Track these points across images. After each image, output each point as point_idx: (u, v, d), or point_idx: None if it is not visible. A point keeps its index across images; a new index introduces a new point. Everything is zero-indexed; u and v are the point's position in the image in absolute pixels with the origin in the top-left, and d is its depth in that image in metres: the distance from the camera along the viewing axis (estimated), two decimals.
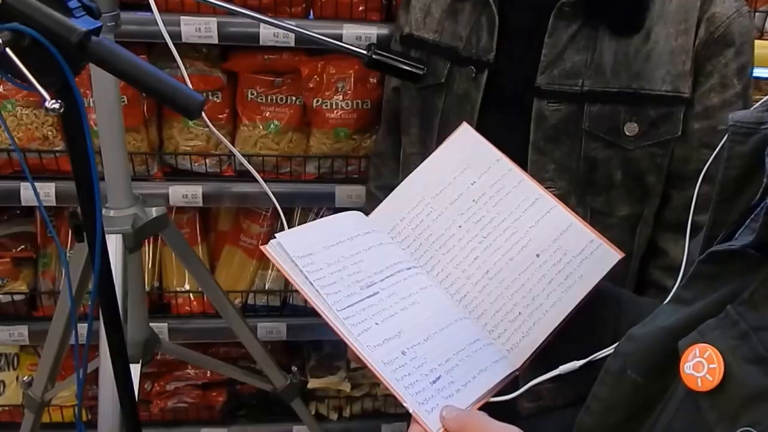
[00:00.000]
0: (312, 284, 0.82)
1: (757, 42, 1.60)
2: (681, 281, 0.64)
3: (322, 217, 1.79)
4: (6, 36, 0.65)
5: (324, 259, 0.86)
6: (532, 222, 0.89)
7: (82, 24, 0.68)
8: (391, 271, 0.88)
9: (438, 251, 0.91)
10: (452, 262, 0.90)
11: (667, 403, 0.57)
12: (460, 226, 0.91)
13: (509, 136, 1.13)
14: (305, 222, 1.80)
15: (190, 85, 1.12)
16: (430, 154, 1.06)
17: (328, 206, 1.76)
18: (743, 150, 0.61)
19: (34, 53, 0.67)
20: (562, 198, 1.13)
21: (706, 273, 0.58)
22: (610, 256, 0.85)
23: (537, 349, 0.84)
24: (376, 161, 1.49)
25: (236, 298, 1.80)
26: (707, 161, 0.73)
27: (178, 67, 1.14)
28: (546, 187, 1.13)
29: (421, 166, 0.98)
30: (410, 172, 1.07)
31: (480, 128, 1.16)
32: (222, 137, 1.02)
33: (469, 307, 0.88)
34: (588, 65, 1.10)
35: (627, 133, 1.11)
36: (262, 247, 0.88)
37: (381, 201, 0.99)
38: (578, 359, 0.78)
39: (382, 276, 0.86)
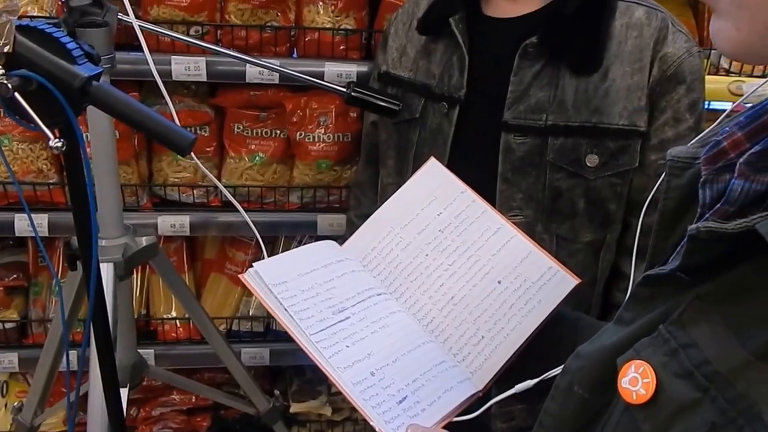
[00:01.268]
0: (286, 310, 0.85)
1: (713, 77, 1.70)
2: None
3: (304, 244, 1.84)
4: (15, 81, 0.70)
5: (298, 286, 0.88)
6: (494, 250, 0.92)
7: (84, 70, 0.73)
8: (362, 297, 0.90)
9: (406, 279, 0.94)
10: (419, 289, 0.93)
11: (609, 416, 0.59)
12: (427, 255, 0.94)
13: (480, 168, 1.19)
14: (289, 249, 1.84)
15: (177, 122, 1.17)
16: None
17: (311, 234, 1.79)
18: (680, 182, 0.64)
19: (40, 96, 0.71)
20: (530, 225, 1.19)
21: (642, 295, 0.60)
22: (567, 281, 0.89)
23: (499, 370, 0.87)
24: (356, 191, 1.54)
25: (221, 325, 1.82)
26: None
27: (167, 104, 1.19)
28: (514, 216, 1.19)
29: (390, 198, 1.01)
30: None
31: (452, 160, 1.21)
32: (207, 171, 1.07)
33: (435, 332, 0.90)
34: (551, 101, 1.15)
35: (588, 164, 1.16)
36: (240, 276, 0.90)
37: None
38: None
39: (353, 302, 0.89)
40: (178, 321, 1.83)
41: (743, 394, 0.47)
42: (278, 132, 1.72)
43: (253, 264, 0.90)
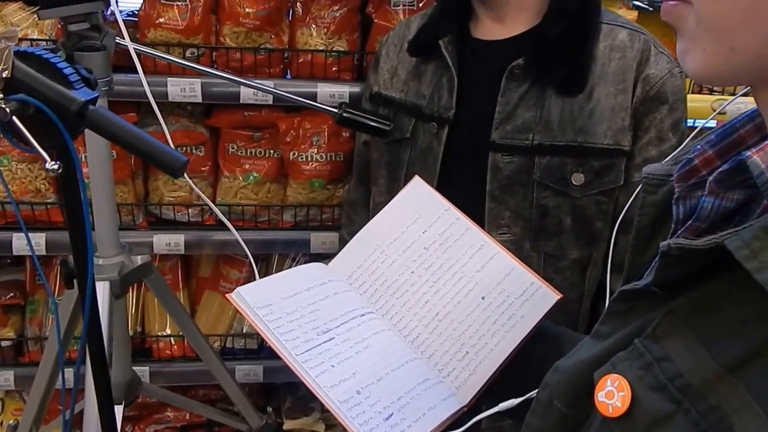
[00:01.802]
0: (272, 332, 0.87)
1: (696, 96, 1.73)
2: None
3: (298, 262, 1.86)
4: (13, 105, 0.72)
5: (282, 308, 0.90)
6: (477, 267, 0.94)
7: (81, 95, 0.75)
8: (346, 318, 0.92)
9: (392, 296, 0.96)
10: (405, 306, 0.95)
11: (588, 430, 0.59)
12: (412, 272, 0.96)
13: (469, 186, 1.22)
14: (283, 266, 1.85)
15: (171, 143, 1.19)
16: None
17: (304, 252, 1.80)
18: (655, 199, 0.65)
19: (37, 120, 0.73)
20: (518, 243, 1.21)
21: (618, 310, 0.60)
22: (550, 297, 0.91)
23: (484, 385, 0.88)
24: (348, 209, 1.56)
25: (215, 342, 1.84)
26: None
27: (163, 124, 1.22)
28: (502, 233, 1.21)
29: (376, 216, 1.03)
30: None
31: (442, 179, 1.23)
32: (200, 192, 1.09)
33: (420, 348, 0.92)
34: (537, 121, 1.17)
35: (574, 183, 1.18)
36: (227, 296, 0.91)
37: None
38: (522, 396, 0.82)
39: (337, 323, 0.91)
40: (172, 338, 1.84)
41: (715, 406, 0.47)
42: (272, 152, 1.74)
43: (238, 288, 0.92)
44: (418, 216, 1.00)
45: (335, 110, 1.32)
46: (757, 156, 0.49)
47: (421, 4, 1.65)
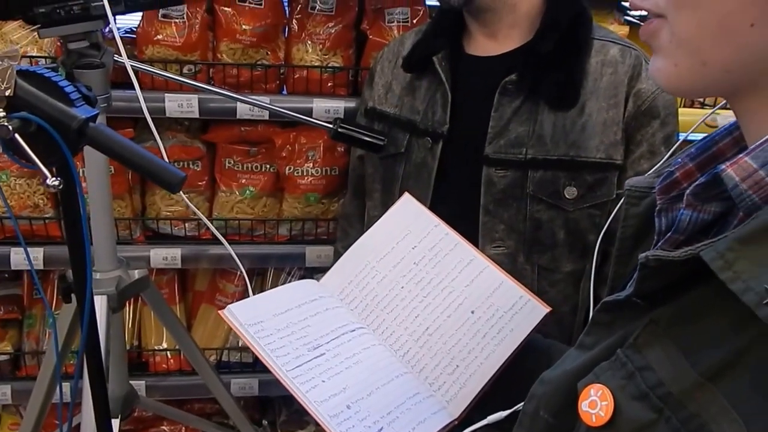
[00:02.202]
0: (263, 348, 0.88)
1: (688, 110, 1.76)
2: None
3: (293, 276, 1.87)
4: (15, 123, 0.73)
5: (274, 325, 0.91)
6: (467, 281, 0.95)
7: (81, 112, 0.76)
8: (336, 334, 0.93)
9: (383, 311, 0.97)
10: (395, 321, 0.96)
11: None
12: (402, 287, 0.97)
13: (463, 200, 1.23)
14: (279, 280, 1.86)
15: (166, 158, 1.20)
16: None
17: (299, 266, 1.81)
18: (638, 211, 0.67)
19: (38, 137, 0.74)
20: (512, 256, 1.22)
21: (602, 321, 0.61)
22: (539, 310, 0.92)
23: (474, 398, 0.89)
24: (343, 223, 1.57)
25: (211, 356, 1.84)
26: None
27: (160, 140, 1.22)
28: (496, 247, 1.22)
29: (366, 233, 1.04)
30: None
31: (436, 193, 1.25)
32: (195, 209, 1.11)
33: (411, 362, 0.93)
34: (530, 136, 1.19)
35: (567, 196, 1.19)
36: (219, 312, 0.93)
37: None
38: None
39: (327, 338, 0.92)
40: (168, 352, 1.84)
41: (695, 414, 0.48)
42: (268, 166, 1.75)
43: (230, 306, 0.93)
44: (407, 232, 1.01)
45: (330, 125, 1.34)
46: (731, 169, 0.50)
47: (415, 21, 1.68)
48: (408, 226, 1.02)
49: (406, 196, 1.06)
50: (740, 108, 0.55)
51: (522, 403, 0.78)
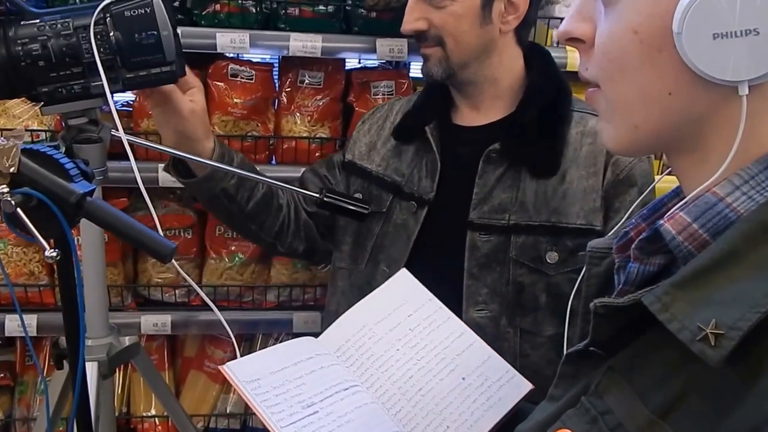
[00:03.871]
0: (260, 405, 0.90)
1: (667, 177, 1.80)
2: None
3: (281, 341, 1.88)
4: (18, 198, 0.77)
5: (270, 383, 0.94)
6: (458, 351, 1.00)
7: (79, 187, 0.80)
8: (330, 392, 0.95)
9: (377, 369, 1.00)
10: (390, 380, 0.99)
11: None
12: (397, 350, 1.01)
13: (445, 264, 1.27)
14: (266, 346, 1.87)
15: (159, 228, 1.23)
16: (359, 271, 1.16)
17: (287, 332, 1.82)
18: (599, 270, 0.71)
19: (38, 209, 0.78)
20: (495, 320, 1.25)
21: (567, 373, 0.65)
22: (524, 385, 0.96)
23: None
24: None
25: (199, 422, 1.84)
26: None
27: (154, 209, 1.27)
28: (480, 310, 1.24)
29: (365, 298, 1.09)
30: (338, 288, 1.13)
31: (414, 255, 1.28)
32: (186, 276, 1.14)
33: (403, 421, 0.95)
34: (513, 202, 1.24)
35: (548, 261, 1.23)
36: (220, 367, 0.96)
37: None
38: None
39: (321, 396, 0.94)
40: (157, 419, 1.84)
41: None
42: None
43: (227, 363, 0.96)
44: (403, 302, 1.06)
45: (316, 195, 1.38)
46: (668, 224, 0.56)
47: (399, 93, 1.75)
48: (404, 297, 1.07)
49: (404, 271, 1.10)
50: (676, 166, 0.61)
51: None
